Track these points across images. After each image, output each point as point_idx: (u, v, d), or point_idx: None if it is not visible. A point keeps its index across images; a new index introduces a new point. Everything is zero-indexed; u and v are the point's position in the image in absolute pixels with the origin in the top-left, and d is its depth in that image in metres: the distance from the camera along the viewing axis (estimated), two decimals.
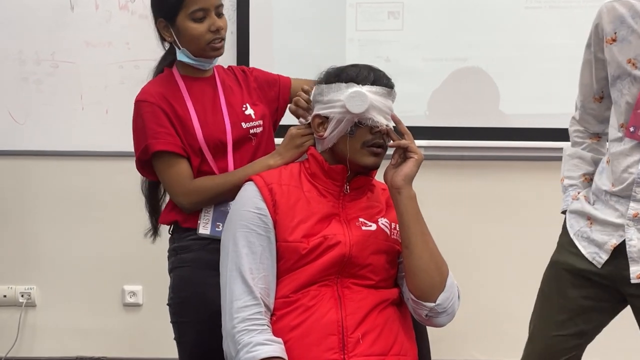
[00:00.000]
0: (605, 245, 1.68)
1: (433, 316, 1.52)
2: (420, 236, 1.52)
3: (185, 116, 1.72)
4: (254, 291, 1.46)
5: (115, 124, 2.76)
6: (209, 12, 1.68)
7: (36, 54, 2.75)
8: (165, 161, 1.70)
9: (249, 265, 1.48)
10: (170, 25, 1.71)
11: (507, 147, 2.78)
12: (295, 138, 1.66)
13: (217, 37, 1.70)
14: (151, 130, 1.68)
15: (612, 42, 1.68)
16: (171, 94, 1.72)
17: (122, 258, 2.87)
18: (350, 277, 1.52)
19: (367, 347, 1.46)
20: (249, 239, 1.50)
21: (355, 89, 1.53)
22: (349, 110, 1.52)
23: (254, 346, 1.41)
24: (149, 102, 1.70)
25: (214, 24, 1.68)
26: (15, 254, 2.88)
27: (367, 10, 2.71)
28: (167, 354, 2.86)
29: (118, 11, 2.73)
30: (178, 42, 1.72)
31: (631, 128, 1.64)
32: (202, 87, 1.77)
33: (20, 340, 2.91)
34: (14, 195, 2.85)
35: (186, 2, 1.65)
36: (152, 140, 1.68)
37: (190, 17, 1.67)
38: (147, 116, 1.69)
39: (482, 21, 2.72)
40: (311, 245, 1.50)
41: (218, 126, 1.74)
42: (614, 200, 1.69)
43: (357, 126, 1.55)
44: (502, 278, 2.89)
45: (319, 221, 1.53)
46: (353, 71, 1.57)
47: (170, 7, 1.68)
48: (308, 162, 1.62)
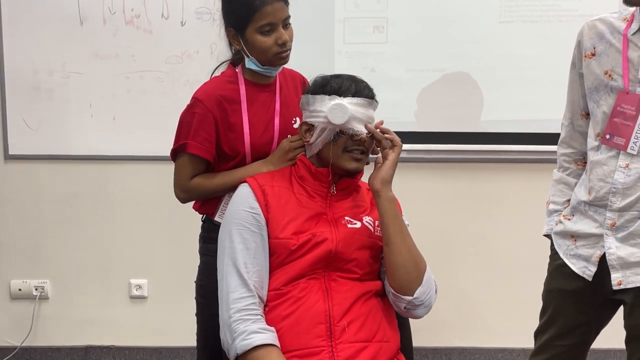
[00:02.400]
0: (592, 258, 1.68)
1: (411, 308, 1.54)
2: (399, 235, 1.53)
3: (238, 123, 1.71)
4: (248, 284, 1.47)
5: (122, 130, 2.77)
6: (276, 26, 1.65)
7: (48, 65, 2.74)
8: (188, 160, 1.72)
9: (243, 260, 1.49)
10: (239, 35, 1.68)
11: (487, 150, 2.78)
12: (288, 152, 1.67)
13: (284, 49, 1.67)
14: (195, 131, 1.68)
15: (591, 56, 1.69)
16: (229, 99, 1.71)
17: (128, 254, 2.88)
18: (337, 270, 1.53)
19: (352, 334, 1.47)
20: (243, 235, 1.51)
21: (337, 101, 1.53)
22: (331, 121, 1.53)
23: (249, 334, 1.42)
24: (205, 105, 1.69)
25: (281, 37, 1.65)
26: (29, 251, 2.88)
27: (354, 25, 2.71)
28: (170, 342, 2.89)
29: (124, 26, 2.72)
30: (246, 50, 1.69)
31: (607, 135, 1.65)
32: (261, 96, 1.75)
33: (34, 331, 2.90)
34: (26, 197, 2.84)
35: (255, 16, 1.62)
36: (190, 141, 1.69)
37: (258, 31, 1.64)
38: (197, 117, 1.69)
39: (459, 35, 2.71)
40: (300, 241, 1.51)
41: (267, 138, 1.73)
42: (592, 211, 1.69)
43: (340, 134, 1.55)
44: (479, 270, 2.90)
45: (307, 220, 1.54)
46: (336, 83, 1.57)
47: (239, 20, 1.66)
48: (297, 167, 1.63)
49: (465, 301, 2.89)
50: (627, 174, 1.62)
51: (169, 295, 2.84)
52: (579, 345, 1.79)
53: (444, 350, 2.93)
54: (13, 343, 2.90)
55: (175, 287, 2.56)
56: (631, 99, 1.60)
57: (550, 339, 1.79)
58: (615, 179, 1.63)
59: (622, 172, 1.62)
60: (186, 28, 2.72)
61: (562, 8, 2.69)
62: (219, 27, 1.78)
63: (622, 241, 1.64)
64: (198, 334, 1.85)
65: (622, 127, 1.62)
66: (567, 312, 1.76)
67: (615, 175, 1.63)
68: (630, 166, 1.61)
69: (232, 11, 1.68)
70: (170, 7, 2.72)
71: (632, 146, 1.60)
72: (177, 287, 2.28)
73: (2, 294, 2.90)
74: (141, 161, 2.80)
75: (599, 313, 1.75)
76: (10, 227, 2.86)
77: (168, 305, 2.86)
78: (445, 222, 2.86)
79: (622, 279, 1.64)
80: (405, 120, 2.72)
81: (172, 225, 2.76)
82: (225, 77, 1.77)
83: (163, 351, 2.92)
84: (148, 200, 2.81)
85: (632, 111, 1.60)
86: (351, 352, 1.45)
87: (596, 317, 1.76)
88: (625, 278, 1.63)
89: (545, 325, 1.81)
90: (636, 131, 1.59)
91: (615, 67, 1.64)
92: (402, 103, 2.70)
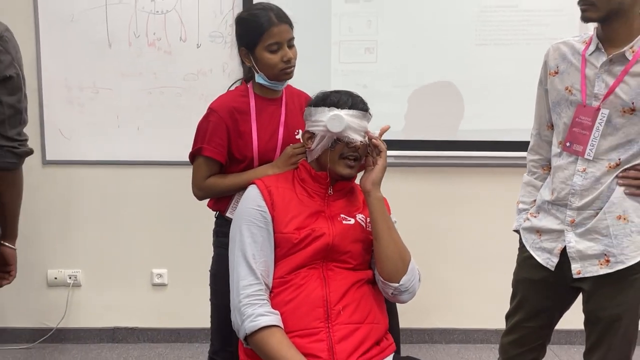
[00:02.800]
0: (554, 251, 1.69)
1: (397, 294, 1.54)
2: (386, 230, 1.54)
3: (247, 131, 1.72)
4: (256, 273, 1.47)
5: (144, 139, 2.78)
6: (282, 45, 1.66)
7: (80, 82, 2.75)
8: (203, 162, 1.73)
9: (252, 252, 1.49)
10: (250, 53, 1.70)
11: (465, 156, 2.80)
12: (291, 157, 1.68)
13: (289, 65, 1.69)
14: (209, 136, 1.71)
15: (554, 74, 1.70)
16: (240, 110, 1.72)
17: (151, 246, 2.88)
18: (333, 261, 1.53)
19: (347, 317, 1.47)
20: (252, 230, 1.51)
21: (335, 112, 1.53)
22: (329, 129, 1.53)
23: (256, 317, 1.42)
24: (219, 115, 1.71)
25: (286, 55, 1.67)
26: (64, 244, 2.88)
27: (348, 47, 2.72)
28: (187, 324, 2.90)
29: (147, 48, 2.73)
30: (256, 67, 1.71)
31: (567, 143, 1.66)
32: (268, 108, 1.76)
33: (68, 314, 2.90)
34: (61, 197, 2.85)
35: (264, 37, 1.65)
36: (206, 146, 1.71)
37: (266, 49, 1.66)
38: (212, 125, 1.71)
39: (440, 56, 2.72)
40: (301, 236, 1.51)
41: (272, 145, 1.74)
42: (554, 209, 1.69)
43: (337, 142, 1.55)
44: (458, 261, 2.91)
45: (308, 217, 1.53)
46: (335, 97, 1.57)
47: (250, 40, 1.68)
48: (299, 170, 1.63)
49: (446, 288, 2.90)
50: (584, 177, 1.63)
51: (187, 282, 2.85)
52: (544, 326, 1.79)
53: (426, 330, 2.94)
54: (50, 325, 2.90)
55: (192, 276, 2.56)
56: (588, 111, 1.61)
57: (519, 321, 1.80)
58: (574, 182, 1.64)
59: (580, 175, 1.63)
60: (201, 49, 2.73)
61: (531, 32, 2.70)
62: (230, 49, 1.79)
63: (580, 236, 1.65)
64: (212, 317, 1.85)
65: (580, 136, 1.63)
66: (534, 298, 1.77)
67: (574, 178, 1.64)
68: (587, 170, 1.62)
69: (245, 32, 1.70)
70: (188, 31, 2.72)
71: (589, 152, 1.61)
72: (193, 276, 2.29)
73: (40, 282, 2.90)
74: (162, 166, 2.80)
75: (561, 299, 1.76)
76: (46, 223, 2.87)
77: (185, 291, 2.86)
78: (428, 219, 2.87)
79: (580, 269, 1.65)
80: (394, 130, 2.72)
81: (188, 221, 2.77)
82: (238, 91, 1.78)
83: (181, 332, 2.92)
84: (168, 200, 2.82)
85: (589, 122, 1.61)
86: (345, 332, 1.45)
87: (559, 302, 1.76)
88: (584, 268, 1.65)
89: (515, 309, 1.82)
90: (592, 139, 1.60)
91: (574, 83, 1.64)
92: (391, 114, 2.69)
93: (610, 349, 1.65)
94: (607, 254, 1.62)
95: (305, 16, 2.67)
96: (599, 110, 1.59)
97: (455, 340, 2.93)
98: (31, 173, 2.81)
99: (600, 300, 1.64)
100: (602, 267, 1.62)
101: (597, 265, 1.63)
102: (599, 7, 1.53)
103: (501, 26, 2.71)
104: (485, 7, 2.70)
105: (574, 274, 1.66)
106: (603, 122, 1.59)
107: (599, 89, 1.60)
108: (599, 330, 1.66)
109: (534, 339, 1.80)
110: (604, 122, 1.59)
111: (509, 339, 1.83)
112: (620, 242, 1.60)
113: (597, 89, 1.60)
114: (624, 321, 1.63)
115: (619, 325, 1.63)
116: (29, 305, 2.91)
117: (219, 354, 1.83)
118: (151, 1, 2.71)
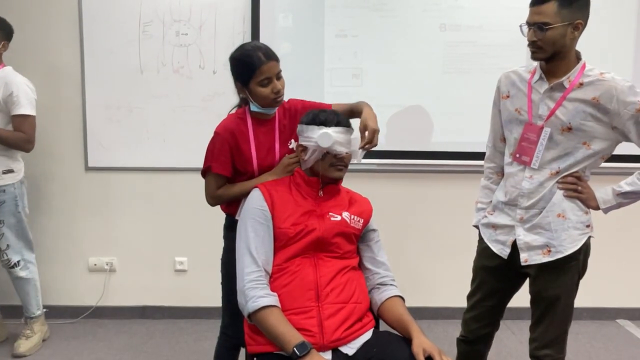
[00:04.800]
0: (507, 242, 1.69)
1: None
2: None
3: (247, 150, 1.68)
4: (257, 261, 1.46)
5: (170, 149, 2.78)
6: (271, 79, 1.60)
7: (117, 103, 2.75)
8: (213, 177, 1.70)
9: (254, 244, 1.48)
10: (245, 87, 1.64)
11: (435, 164, 2.80)
12: (288, 166, 1.66)
13: (278, 95, 1.63)
14: (217, 156, 1.67)
15: (506, 98, 1.71)
16: (239, 132, 1.67)
17: (174, 238, 2.87)
18: (323, 251, 1.52)
19: (334, 297, 1.46)
20: (255, 226, 1.50)
21: (324, 130, 1.53)
22: (320, 145, 1.53)
23: (257, 298, 1.41)
24: (222, 136, 1.66)
25: (275, 87, 1.61)
26: (102, 236, 2.87)
27: (338, 74, 2.72)
28: (204, 303, 2.89)
29: (172, 74, 2.73)
30: (251, 98, 1.66)
31: (517, 155, 1.66)
32: (263, 129, 1.71)
33: (105, 294, 2.90)
34: (100, 197, 2.84)
35: (256, 74, 1.59)
36: (215, 164, 1.67)
37: (259, 84, 1.60)
38: (217, 145, 1.67)
39: (413, 82, 2.72)
40: (296, 230, 1.50)
41: (270, 160, 1.71)
42: (507, 208, 1.70)
43: (327, 154, 1.55)
44: (428, 250, 2.90)
45: (302, 215, 1.53)
46: (323, 116, 1.56)
47: (244, 77, 1.62)
48: (294, 176, 1.63)
49: (418, 273, 2.89)
50: (531, 182, 1.63)
51: (204, 269, 2.84)
52: (498, 305, 1.80)
53: None
54: (90, 303, 2.90)
55: (208, 263, 2.53)
56: (533, 129, 1.62)
57: (478, 300, 1.80)
58: (523, 186, 1.64)
59: (528, 181, 1.64)
60: (217, 75, 2.73)
61: (486, 63, 2.71)
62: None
63: (527, 230, 1.65)
64: (222, 298, 1.84)
65: (527, 149, 1.63)
66: (490, 281, 1.77)
67: (523, 183, 1.64)
68: (533, 177, 1.63)
69: (239, 71, 1.65)
70: (205, 60, 2.73)
71: (535, 163, 1.62)
72: (209, 263, 2.26)
73: (83, 267, 2.89)
74: (183, 171, 2.80)
75: (512, 282, 1.76)
76: (88, 219, 2.86)
77: (202, 276, 2.85)
78: (404, 216, 2.87)
79: (527, 257, 1.65)
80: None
81: (205, 217, 2.71)
82: (237, 115, 1.73)
83: (198, 310, 2.91)
84: (188, 199, 2.81)
85: (534, 138, 1.62)
86: (333, 310, 1.44)
87: (510, 285, 1.77)
88: (530, 257, 1.65)
89: (474, 290, 1.82)
90: (537, 152, 1.61)
91: (522, 106, 1.65)
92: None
93: (552, 323, 1.66)
94: (548, 245, 1.62)
95: (303, 48, 2.71)
96: (543, 128, 1.60)
97: (426, 316, 2.92)
98: (75, 177, 2.82)
99: (543, 283, 1.65)
100: (545, 256, 1.63)
101: (541, 254, 1.63)
102: (546, 50, 1.55)
103: (463, 58, 2.72)
104: (450, 42, 2.71)
105: (522, 262, 1.66)
106: (546, 138, 1.60)
107: (542, 111, 1.61)
108: (542, 308, 1.67)
109: (490, 315, 1.81)
110: (546, 138, 1.60)
111: (469, 315, 1.83)
112: (560, 236, 1.61)
113: (541, 111, 1.61)
114: (562, 300, 1.64)
115: (558, 304, 1.64)
116: (74, 286, 2.90)
117: (229, 327, 1.83)
118: (176, 36, 2.71)
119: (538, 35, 1.53)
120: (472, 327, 1.82)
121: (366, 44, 2.71)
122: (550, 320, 1.66)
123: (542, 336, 1.67)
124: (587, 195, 1.61)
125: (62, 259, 2.88)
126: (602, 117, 1.55)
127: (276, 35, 2.68)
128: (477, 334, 1.82)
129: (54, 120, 2.77)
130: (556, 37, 1.52)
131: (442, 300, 2.93)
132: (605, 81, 1.54)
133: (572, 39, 1.54)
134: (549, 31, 1.51)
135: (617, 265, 2.92)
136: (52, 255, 2.87)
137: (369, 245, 1.62)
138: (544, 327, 1.67)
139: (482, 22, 2.70)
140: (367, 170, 2.78)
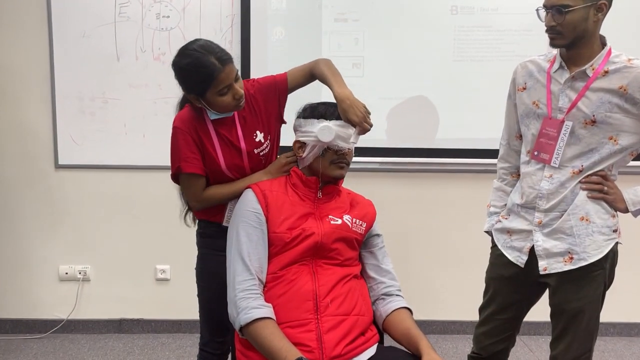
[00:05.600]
0: (523, 249, 1.69)
1: None
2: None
3: (212, 151, 1.64)
4: (250, 269, 1.46)
5: (150, 145, 2.77)
6: (231, 85, 1.54)
7: (91, 93, 2.74)
8: (188, 178, 1.66)
9: (247, 250, 1.47)
10: (201, 97, 1.57)
11: (442, 162, 2.80)
12: (284, 165, 1.65)
13: (240, 100, 1.59)
14: (184, 154, 1.61)
15: (522, 90, 1.70)
16: (201, 130, 1.62)
17: (154, 244, 2.87)
18: (322, 258, 1.52)
19: (334, 309, 1.46)
20: (247, 231, 1.49)
21: (325, 124, 1.53)
22: (320, 140, 1.53)
23: (250, 309, 1.41)
24: (184, 130, 1.60)
25: (237, 93, 1.56)
26: (75, 242, 2.86)
27: (337, 62, 2.58)
28: (187, 316, 2.89)
29: (152, 61, 2.72)
30: (208, 107, 1.59)
31: (535, 152, 1.66)
32: (225, 127, 1.66)
33: (78, 306, 2.89)
34: (73, 198, 2.83)
35: (214, 83, 1.52)
36: (183, 163, 1.61)
37: (218, 94, 1.54)
38: (181, 142, 1.61)
39: (421, 70, 2.73)
40: (293, 235, 1.50)
41: (238, 158, 1.67)
42: (524, 212, 1.69)
43: (327, 150, 1.55)
44: (436, 258, 2.91)
45: (299, 218, 1.52)
46: (323, 109, 1.56)
47: (199, 89, 1.54)
48: (291, 176, 1.62)
49: (424, 283, 2.90)
50: (550, 182, 1.64)
51: (188, 278, 2.79)
52: (514, 318, 1.80)
53: None
54: (61, 316, 2.88)
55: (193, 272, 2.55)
56: (553, 123, 1.62)
57: (491, 313, 1.80)
58: (542, 186, 1.65)
59: (547, 181, 1.64)
60: None
61: (502, 50, 2.72)
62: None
63: (547, 236, 1.65)
64: (200, 311, 1.82)
65: (546, 146, 1.63)
66: (505, 292, 1.76)
67: (542, 183, 1.65)
68: (553, 176, 1.63)
69: (192, 83, 1.55)
70: None
71: (555, 161, 1.62)
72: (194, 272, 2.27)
73: (52, 276, 2.88)
74: (165, 170, 2.73)
75: (529, 293, 1.76)
76: (59, 222, 2.85)
77: (186, 286, 2.80)
78: (408, 220, 2.88)
79: (547, 265, 1.65)
80: (378, 138, 2.74)
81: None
82: (195, 112, 1.64)
83: (182, 323, 2.91)
84: (170, 201, 2.78)
85: (554, 133, 1.62)
86: (333, 323, 1.44)
87: (527, 296, 1.77)
88: (550, 265, 1.65)
89: (487, 302, 1.82)
90: (557, 149, 1.61)
91: (541, 98, 1.65)
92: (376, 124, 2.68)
93: (574, 339, 1.65)
94: (570, 252, 1.62)
95: (298, 33, 2.70)
96: (564, 122, 1.60)
97: (434, 331, 2.93)
98: (44, 176, 2.80)
99: (565, 295, 1.65)
100: (566, 264, 1.63)
101: (562, 262, 1.63)
102: (566, 36, 1.55)
103: (476, 44, 2.72)
104: (462, 27, 2.71)
105: (541, 271, 1.66)
106: (567, 133, 1.60)
107: (563, 103, 1.61)
108: (563, 322, 1.67)
109: (505, 330, 1.80)
110: (568, 133, 1.60)
111: (482, 330, 1.83)
112: (583, 241, 1.61)
113: (561, 103, 1.61)
114: (586, 314, 1.64)
115: (581, 317, 1.64)
116: (42, 297, 2.88)
117: (208, 345, 1.81)
118: (156, 19, 2.71)
119: (557, 19, 1.53)
120: (485, 344, 1.82)
121: (368, 29, 2.71)
122: (573, 336, 1.65)
123: (563, 354, 1.67)
124: (613, 196, 1.61)
125: (28, 266, 2.87)
126: (631, 108, 1.55)
127: (269, 18, 2.66)
128: (490, 351, 1.82)
129: (18, 113, 2.75)
130: (577, 21, 1.51)
131: (451, 313, 2.94)
132: (634, 68, 1.53)
133: (595, 22, 1.54)
134: (569, 14, 1.51)
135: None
136: (18, 262, 2.86)
137: (373, 252, 1.62)
138: (566, 344, 1.66)
139: (498, 5, 2.70)
140: (368, 169, 2.79)
